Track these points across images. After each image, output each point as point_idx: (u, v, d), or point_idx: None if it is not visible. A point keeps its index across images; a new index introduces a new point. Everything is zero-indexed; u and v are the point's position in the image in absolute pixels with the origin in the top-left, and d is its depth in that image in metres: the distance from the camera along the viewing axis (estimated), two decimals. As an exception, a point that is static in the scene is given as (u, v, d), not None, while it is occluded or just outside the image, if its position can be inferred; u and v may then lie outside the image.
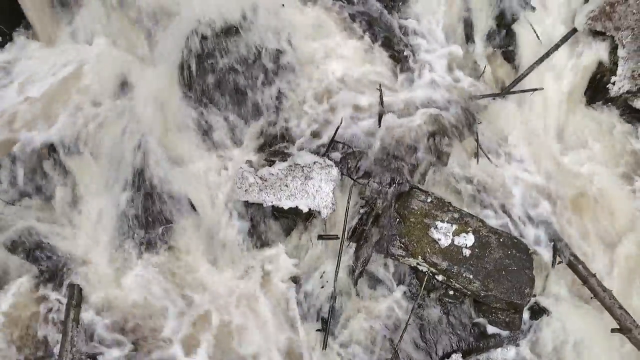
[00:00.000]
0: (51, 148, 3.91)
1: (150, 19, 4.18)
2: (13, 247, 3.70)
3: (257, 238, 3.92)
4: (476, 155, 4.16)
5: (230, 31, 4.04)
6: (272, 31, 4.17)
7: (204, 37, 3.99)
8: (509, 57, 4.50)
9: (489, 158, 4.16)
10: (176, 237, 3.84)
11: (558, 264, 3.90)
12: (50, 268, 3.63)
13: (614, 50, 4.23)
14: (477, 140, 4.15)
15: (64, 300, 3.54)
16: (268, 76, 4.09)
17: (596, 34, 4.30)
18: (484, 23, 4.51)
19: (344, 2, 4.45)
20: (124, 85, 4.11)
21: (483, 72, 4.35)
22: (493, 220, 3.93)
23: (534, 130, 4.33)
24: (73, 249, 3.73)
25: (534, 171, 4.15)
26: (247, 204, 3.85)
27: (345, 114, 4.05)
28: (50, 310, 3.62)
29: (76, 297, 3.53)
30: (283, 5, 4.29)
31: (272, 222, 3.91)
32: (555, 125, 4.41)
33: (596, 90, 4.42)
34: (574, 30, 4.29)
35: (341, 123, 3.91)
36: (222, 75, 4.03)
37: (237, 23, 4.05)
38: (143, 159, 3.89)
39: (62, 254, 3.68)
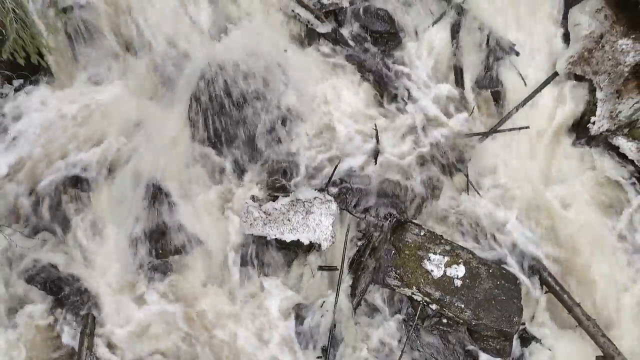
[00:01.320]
0: (68, 183, 4.19)
1: (163, 63, 4.52)
2: (30, 278, 3.92)
3: (261, 268, 4.15)
4: (466, 189, 4.43)
5: (236, 75, 4.36)
6: (275, 74, 4.49)
7: (211, 82, 4.30)
8: (496, 97, 4.81)
9: (478, 192, 4.43)
10: (184, 267, 4.08)
11: (545, 293, 4.12)
12: (65, 298, 3.85)
13: (593, 92, 4.55)
14: (467, 176, 4.43)
15: (79, 329, 3.74)
16: (272, 116, 4.39)
17: (576, 77, 4.62)
18: (472, 66, 4.84)
19: (342, 47, 4.79)
20: (137, 125, 4.42)
21: (472, 112, 4.66)
22: (482, 251, 4.17)
23: (520, 166, 4.61)
24: (87, 279, 3.96)
25: (520, 205, 4.41)
26: (252, 237, 4.09)
27: (343, 151, 4.34)
28: (64, 338, 3.83)
29: (90, 326, 3.74)
30: (285, 50, 4.64)
31: (274, 254, 4.14)
32: (541, 161, 4.69)
33: (579, 128, 4.72)
34: (555, 74, 4.62)
35: (339, 162, 4.19)
36: (229, 116, 4.33)
37: (243, 68, 4.38)
38: (154, 194, 4.15)
39: (76, 284, 3.90)
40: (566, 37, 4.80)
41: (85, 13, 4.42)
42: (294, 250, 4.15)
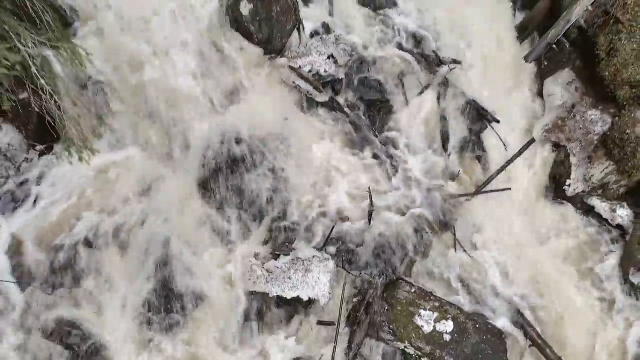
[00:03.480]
0: (83, 243, 4.51)
1: (174, 131, 4.94)
2: (47, 333, 4.17)
3: (263, 323, 4.42)
4: (454, 247, 4.78)
5: (241, 142, 4.78)
6: (277, 141, 4.91)
7: (219, 148, 4.71)
8: (480, 160, 5.24)
9: (464, 250, 4.78)
10: (192, 323, 4.35)
11: (529, 347, 4.40)
12: (81, 353, 4.09)
13: (567, 156, 4.98)
14: (454, 234, 4.79)
15: (92, 383, 3.98)
16: (273, 179, 4.77)
17: (553, 142, 5.07)
18: (458, 131, 5.30)
19: (338, 113, 5.25)
20: (149, 187, 4.79)
21: (458, 175, 5.07)
22: (469, 305, 4.47)
23: (504, 224, 4.98)
24: (100, 334, 4.22)
25: (504, 261, 4.75)
26: (255, 293, 4.39)
27: (339, 212, 4.71)
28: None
29: (102, 380, 3.98)
30: (286, 118, 5.08)
31: (276, 309, 4.43)
32: (524, 220, 5.07)
33: (557, 189, 5.13)
34: (532, 140, 5.07)
35: (336, 222, 4.55)
36: (235, 180, 4.71)
37: (248, 135, 4.81)
38: (164, 252, 4.47)
39: (91, 340, 4.15)
40: (542, 106, 5.29)
41: (103, 87, 4.87)
42: (294, 306, 4.44)
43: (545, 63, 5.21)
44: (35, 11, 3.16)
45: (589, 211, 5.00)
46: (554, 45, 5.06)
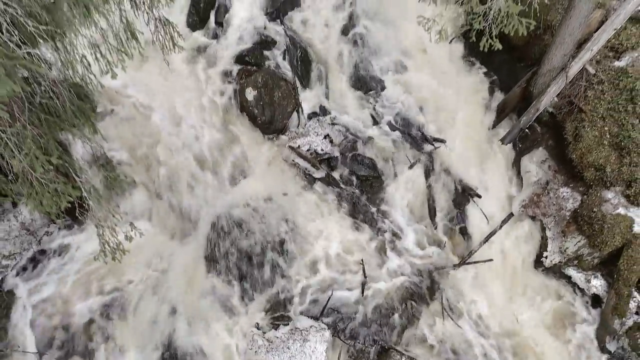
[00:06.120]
0: (97, 313, 4.86)
1: (184, 207, 5.40)
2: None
3: (263, 391, 4.71)
4: (442, 315, 5.13)
5: (245, 217, 5.23)
6: (277, 215, 5.37)
7: (224, 223, 5.16)
8: (464, 232, 5.68)
9: (452, 318, 5.12)
10: (196, 391, 4.64)
11: (514, 413, 4.67)
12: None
13: (544, 230, 5.42)
14: (442, 303, 5.15)
15: None
16: (274, 252, 5.19)
17: (530, 216, 5.52)
18: (443, 204, 5.77)
19: (334, 188, 5.73)
20: (160, 259, 5.20)
21: (444, 246, 5.49)
22: (457, 373, 4.78)
23: (488, 292, 5.35)
24: (110, 403, 4.50)
25: (489, 328, 5.09)
26: (256, 361, 4.71)
27: (335, 283, 5.09)
28: None
29: None
30: (285, 194, 5.57)
31: (275, 377, 4.72)
32: (507, 288, 5.44)
33: (536, 260, 5.52)
34: (511, 215, 5.53)
35: (332, 293, 4.93)
36: (238, 252, 5.12)
37: (250, 211, 5.27)
38: (171, 322, 4.82)
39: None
40: (519, 182, 5.79)
41: (120, 167, 5.38)
42: (292, 374, 4.73)
43: (520, 145, 5.76)
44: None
45: (567, 281, 5.37)
46: (527, 130, 5.63)
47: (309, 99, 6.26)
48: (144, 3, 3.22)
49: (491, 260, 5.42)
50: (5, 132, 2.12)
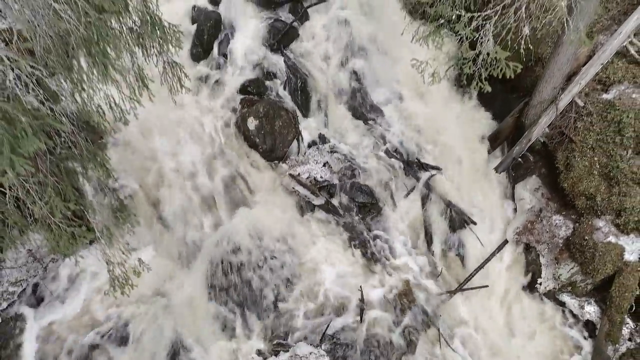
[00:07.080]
0: (101, 340, 4.96)
1: (186, 234, 5.54)
2: None
3: (264, 417, 4.80)
4: (439, 342, 5.23)
5: (246, 244, 5.37)
6: (277, 242, 5.51)
7: (226, 251, 5.29)
8: (461, 258, 5.82)
9: (448, 344, 5.23)
10: (198, 418, 4.73)
11: None
12: None
13: (538, 257, 5.56)
14: (439, 330, 5.26)
15: None
16: (274, 280, 5.31)
17: (524, 243, 5.67)
18: (440, 231, 5.91)
19: (333, 215, 5.88)
20: (164, 286, 5.32)
21: (440, 273, 5.63)
22: (454, 400, 4.87)
23: (485, 319, 5.47)
24: None
25: (485, 351, 5.20)
26: (256, 388, 4.81)
27: (334, 310, 5.21)
28: None
29: None
30: (286, 221, 5.72)
31: (276, 404, 4.82)
32: (503, 315, 5.56)
33: (531, 286, 5.66)
34: (505, 242, 5.68)
35: (331, 320, 5.05)
36: (239, 280, 5.25)
37: (251, 238, 5.41)
38: (174, 349, 4.92)
39: None
40: (514, 209, 5.95)
41: (127, 193, 5.54)
42: (292, 401, 4.83)
43: (513, 173, 5.94)
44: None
45: (561, 307, 5.50)
46: (520, 159, 5.82)
47: (308, 128, 6.46)
48: (153, 47, 3.42)
49: (486, 286, 5.55)
50: (28, 182, 2.29)
